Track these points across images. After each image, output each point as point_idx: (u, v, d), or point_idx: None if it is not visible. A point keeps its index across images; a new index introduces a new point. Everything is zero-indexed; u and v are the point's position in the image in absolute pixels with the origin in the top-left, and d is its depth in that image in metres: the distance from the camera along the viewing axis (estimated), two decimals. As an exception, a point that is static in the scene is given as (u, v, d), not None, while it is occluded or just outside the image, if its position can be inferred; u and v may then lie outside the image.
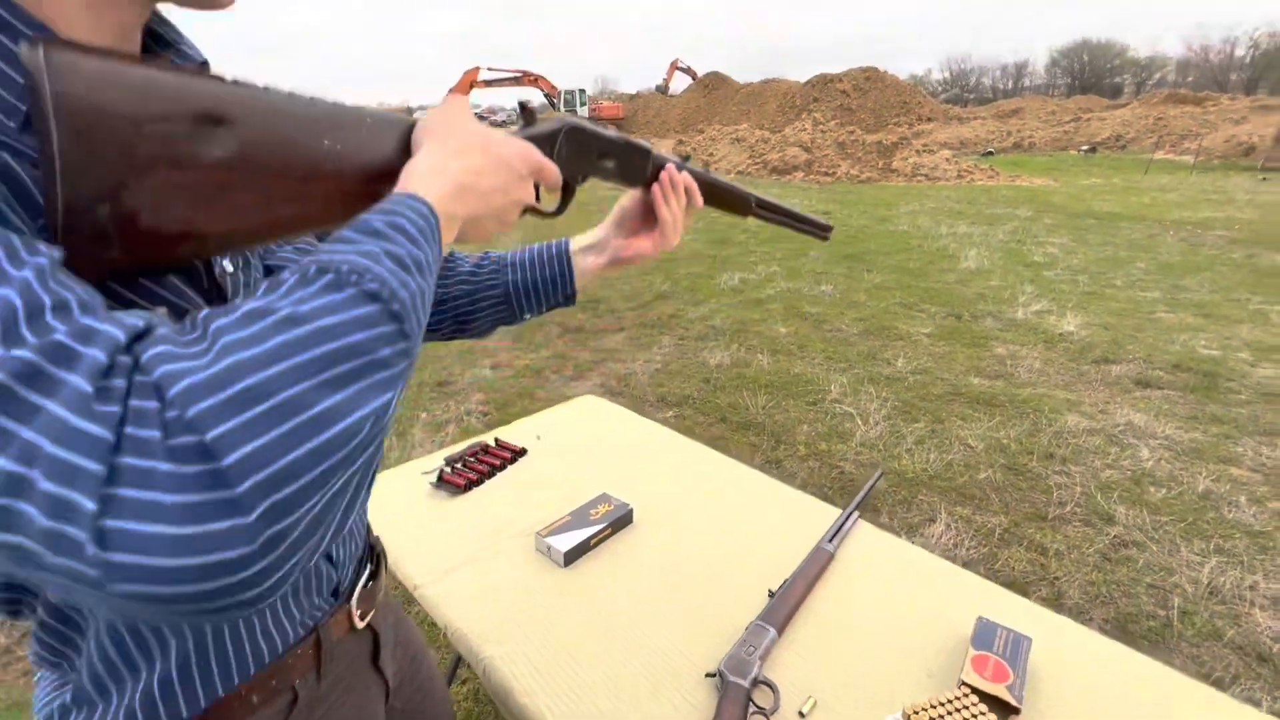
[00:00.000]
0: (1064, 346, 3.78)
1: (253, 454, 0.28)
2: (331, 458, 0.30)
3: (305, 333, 0.31)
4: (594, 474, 1.33)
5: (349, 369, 0.32)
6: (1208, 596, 1.89)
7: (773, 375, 3.47)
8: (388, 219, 0.38)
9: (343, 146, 0.41)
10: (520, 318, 0.76)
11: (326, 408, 0.30)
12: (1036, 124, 24.73)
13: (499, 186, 0.48)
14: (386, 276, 0.34)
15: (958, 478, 2.50)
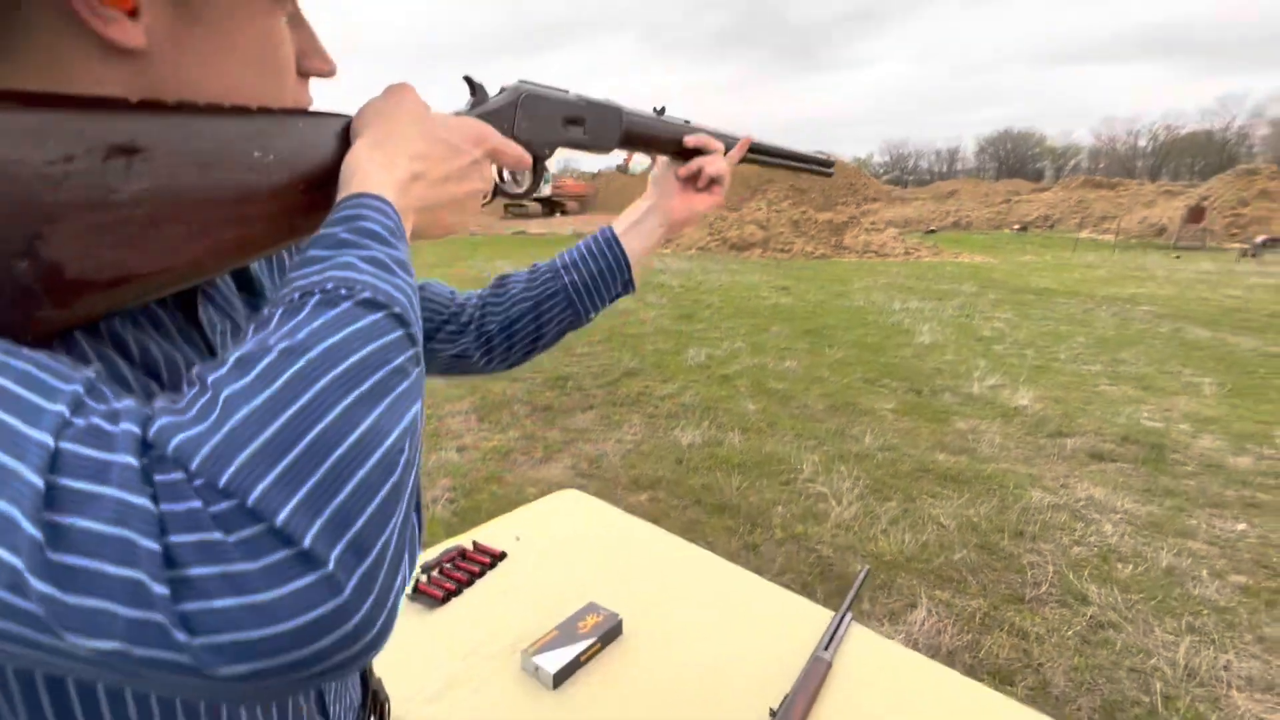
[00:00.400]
0: (1020, 420, 3.92)
1: (304, 503, 0.26)
2: (387, 481, 0.28)
3: (312, 360, 0.28)
4: (579, 579, 1.28)
5: (371, 385, 0.29)
6: (1186, 679, 1.90)
7: (745, 454, 3.48)
8: (351, 226, 0.35)
9: (276, 156, 0.38)
10: (587, 317, 0.73)
11: (362, 433, 0.28)
12: (972, 204, 26.71)
13: (451, 173, 0.44)
14: (375, 282, 0.33)
15: (934, 559, 2.51)
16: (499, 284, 0.75)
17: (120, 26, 0.34)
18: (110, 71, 0.35)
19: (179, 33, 0.36)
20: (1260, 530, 2.69)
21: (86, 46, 0.34)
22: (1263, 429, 3.76)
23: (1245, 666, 1.95)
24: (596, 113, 0.62)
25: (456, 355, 0.72)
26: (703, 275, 10.34)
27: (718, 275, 10.33)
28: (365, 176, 0.39)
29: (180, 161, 0.34)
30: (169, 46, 0.36)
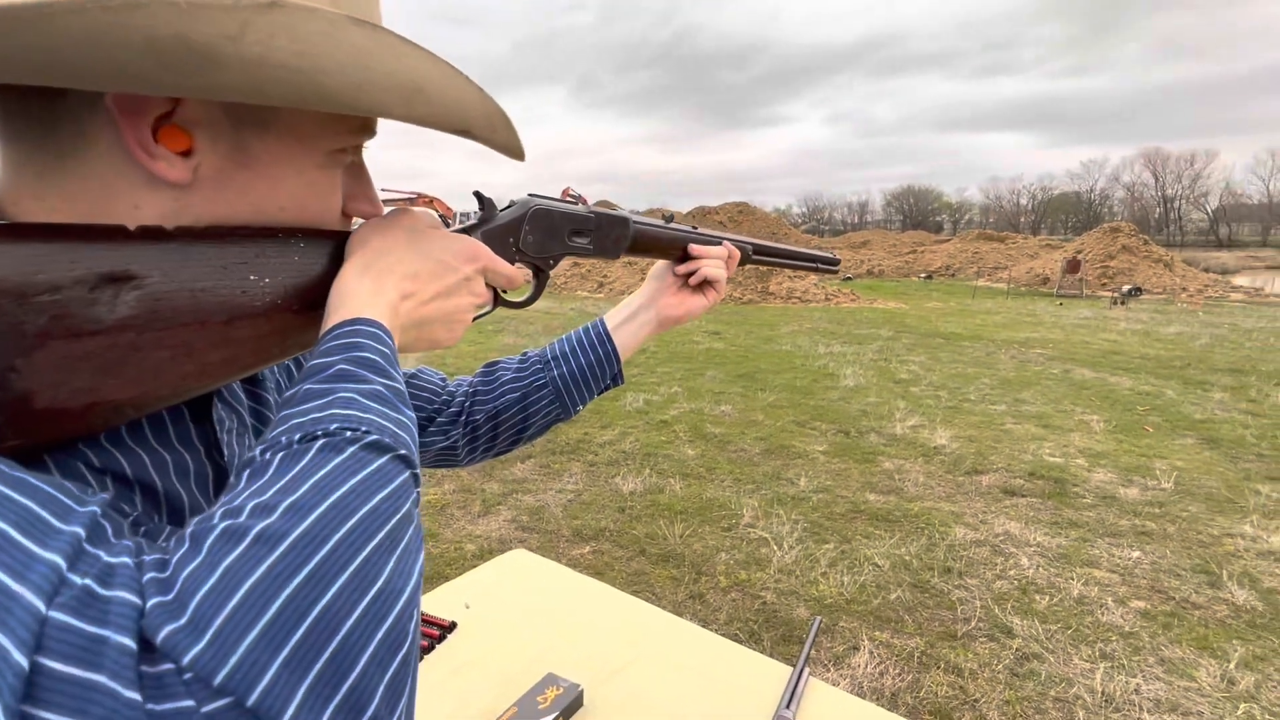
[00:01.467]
0: (940, 459, 4.17)
1: (311, 693, 0.23)
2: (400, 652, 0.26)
3: (319, 518, 0.26)
4: (534, 647, 1.23)
5: (380, 539, 0.27)
6: (1104, 705, 2.03)
7: (686, 501, 3.49)
8: (349, 356, 0.34)
9: (271, 279, 0.38)
10: (573, 411, 0.72)
11: (372, 598, 0.25)
12: (883, 253, 28.70)
13: (442, 291, 0.44)
14: (380, 421, 0.31)
15: (872, 600, 2.58)
16: (488, 371, 0.73)
17: (168, 164, 0.34)
18: (151, 198, 0.35)
19: (226, 174, 0.36)
20: (1152, 557, 2.95)
21: (134, 175, 0.34)
22: (1145, 462, 4.16)
23: (1152, 689, 2.10)
24: (604, 224, 0.63)
25: (446, 448, 0.70)
26: (636, 320, 10.48)
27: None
28: (356, 301, 0.38)
29: (172, 288, 0.34)
30: (213, 184, 0.36)
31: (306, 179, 0.40)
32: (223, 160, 0.36)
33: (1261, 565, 2.89)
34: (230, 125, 0.36)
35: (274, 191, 0.38)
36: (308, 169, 0.39)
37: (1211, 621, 2.47)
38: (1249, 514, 3.40)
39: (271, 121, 0.37)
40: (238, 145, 0.36)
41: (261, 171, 0.37)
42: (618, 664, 1.20)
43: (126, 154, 0.33)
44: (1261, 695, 2.08)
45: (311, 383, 0.33)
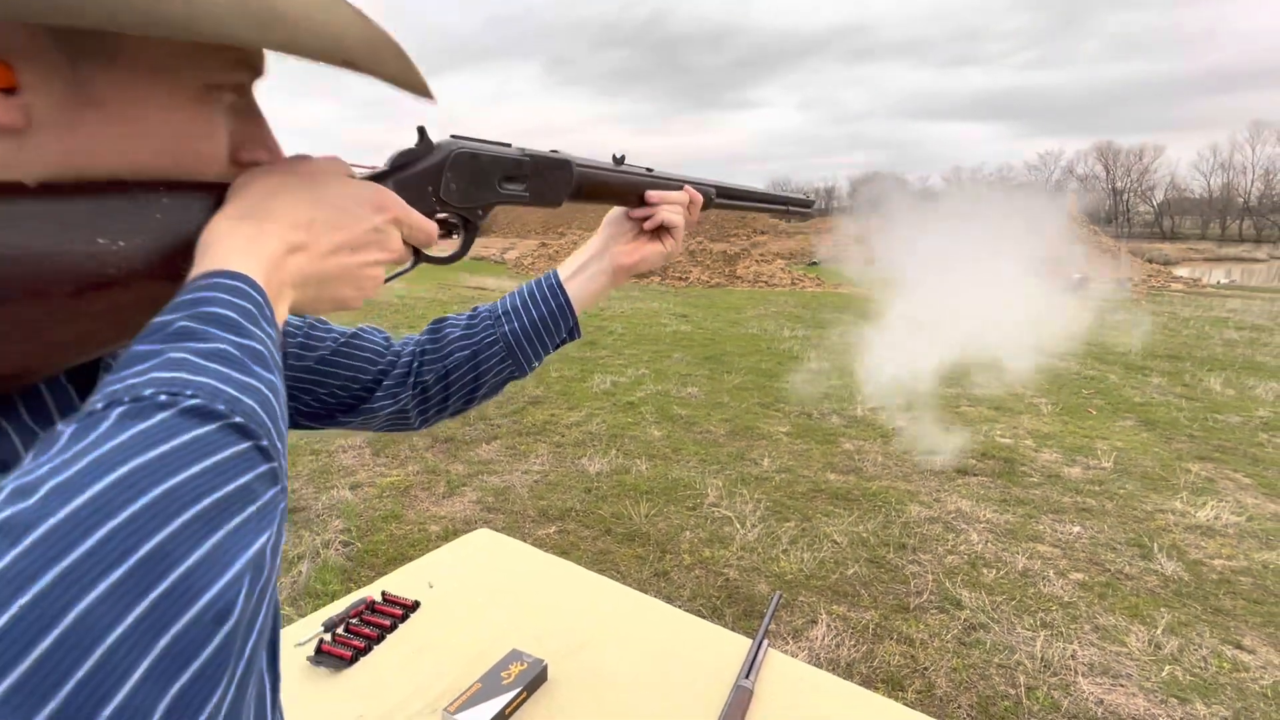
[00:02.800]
0: (897, 440, 4.30)
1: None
2: (191, 662, 0.21)
3: (90, 499, 0.20)
4: (498, 625, 1.24)
5: (181, 526, 0.22)
6: (1043, 670, 2.15)
7: (652, 481, 3.53)
8: (194, 313, 0.29)
9: (127, 242, 0.33)
10: (528, 367, 0.69)
11: (154, 601, 0.20)
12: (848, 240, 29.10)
13: (344, 243, 0.38)
14: (213, 384, 0.26)
15: (830, 575, 2.67)
16: (435, 329, 0.70)
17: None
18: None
19: (71, 115, 0.31)
20: (1091, 532, 3.11)
21: None
22: (1088, 443, 4.37)
23: (1087, 654, 2.24)
24: (541, 168, 0.57)
25: (396, 412, 0.67)
26: (605, 302, 10.45)
27: (619, 302, 10.48)
28: (222, 251, 0.33)
29: (4, 255, 0.29)
30: (56, 129, 0.31)
31: (175, 120, 0.34)
32: (61, 99, 0.31)
33: (1189, 539, 3.08)
34: (64, 57, 0.31)
35: (137, 135, 0.33)
36: (174, 108, 0.34)
37: (1142, 591, 2.64)
38: (1179, 491, 3.61)
39: (116, 52, 0.32)
40: (77, 81, 0.31)
41: (115, 112, 0.32)
42: (582, 639, 1.22)
43: None
44: (1184, 658, 2.23)
45: (142, 343, 0.27)
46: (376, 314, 8.60)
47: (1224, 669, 2.19)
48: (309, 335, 0.63)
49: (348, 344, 0.65)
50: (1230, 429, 4.85)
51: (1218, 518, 3.28)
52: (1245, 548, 3.01)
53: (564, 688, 1.10)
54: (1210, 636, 2.36)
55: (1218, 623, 2.45)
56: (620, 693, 1.08)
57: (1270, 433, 4.81)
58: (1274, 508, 3.48)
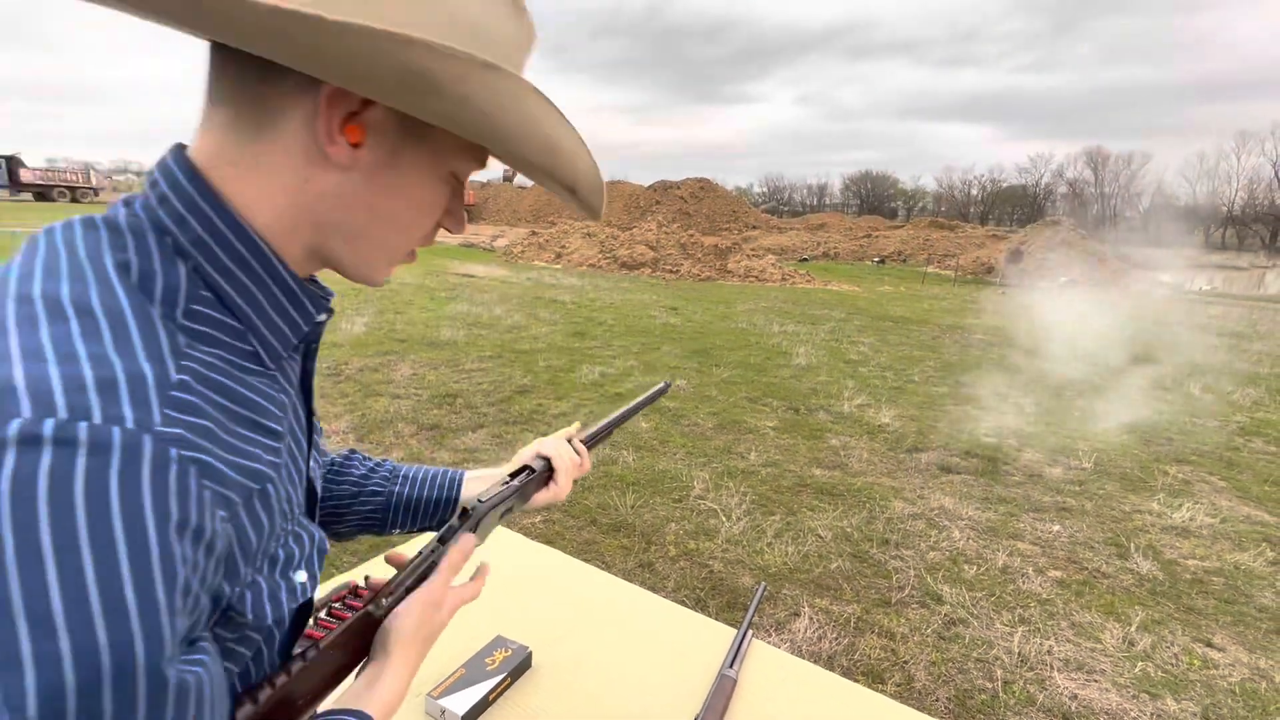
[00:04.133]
0: (883, 437, 4.33)
1: None
2: None
3: None
4: (483, 611, 1.23)
5: None
6: (1020, 665, 2.18)
7: (639, 472, 3.53)
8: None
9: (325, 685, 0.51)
10: (387, 529, 0.77)
11: None
12: (839, 237, 29.23)
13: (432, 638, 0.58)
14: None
15: (814, 569, 2.69)
16: (348, 455, 0.77)
17: (341, 149, 0.41)
18: (317, 175, 0.42)
19: (378, 170, 0.43)
20: (1070, 531, 3.16)
21: (310, 153, 0.41)
22: (1069, 443, 4.44)
23: (1063, 650, 2.27)
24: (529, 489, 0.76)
25: None
26: (595, 293, 10.42)
27: (609, 293, 10.45)
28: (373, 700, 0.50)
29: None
30: (365, 175, 0.43)
31: (428, 189, 0.47)
32: (379, 158, 0.43)
33: (1164, 539, 3.14)
34: (397, 133, 0.42)
35: (401, 193, 0.45)
36: (432, 181, 0.46)
37: (1118, 589, 2.68)
38: (1157, 492, 3.68)
39: (426, 137, 0.43)
40: (395, 150, 0.43)
41: (403, 173, 0.44)
42: (566, 627, 1.21)
43: (311, 134, 0.40)
44: (1156, 654, 2.28)
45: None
46: (363, 296, 8.50)
47: (1194, 666, 2.24)
48: None
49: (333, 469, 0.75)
50: (1207, 433, 4.94)
51: (1193, 519, 3.35)
52: (1218, 549, 3.08)
53: (548, 674, 1.09)
54: (1182, 634, 2.41)
55: (1190, 621, 2.50)
56: (604, 680, 1.08)
57: (1246, 438, 4.91)
58: (1247, 510, 3.55)
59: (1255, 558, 3.00)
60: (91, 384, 0.30)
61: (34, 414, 0.28)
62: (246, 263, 0.40)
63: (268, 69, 0.38)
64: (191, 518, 0.32)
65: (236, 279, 0.40)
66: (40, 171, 33.21)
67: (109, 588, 0.28)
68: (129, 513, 0.29)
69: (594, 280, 12.22)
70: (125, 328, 0.33)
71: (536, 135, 0.42)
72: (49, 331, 0.32)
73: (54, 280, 0.34)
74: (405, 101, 0.38)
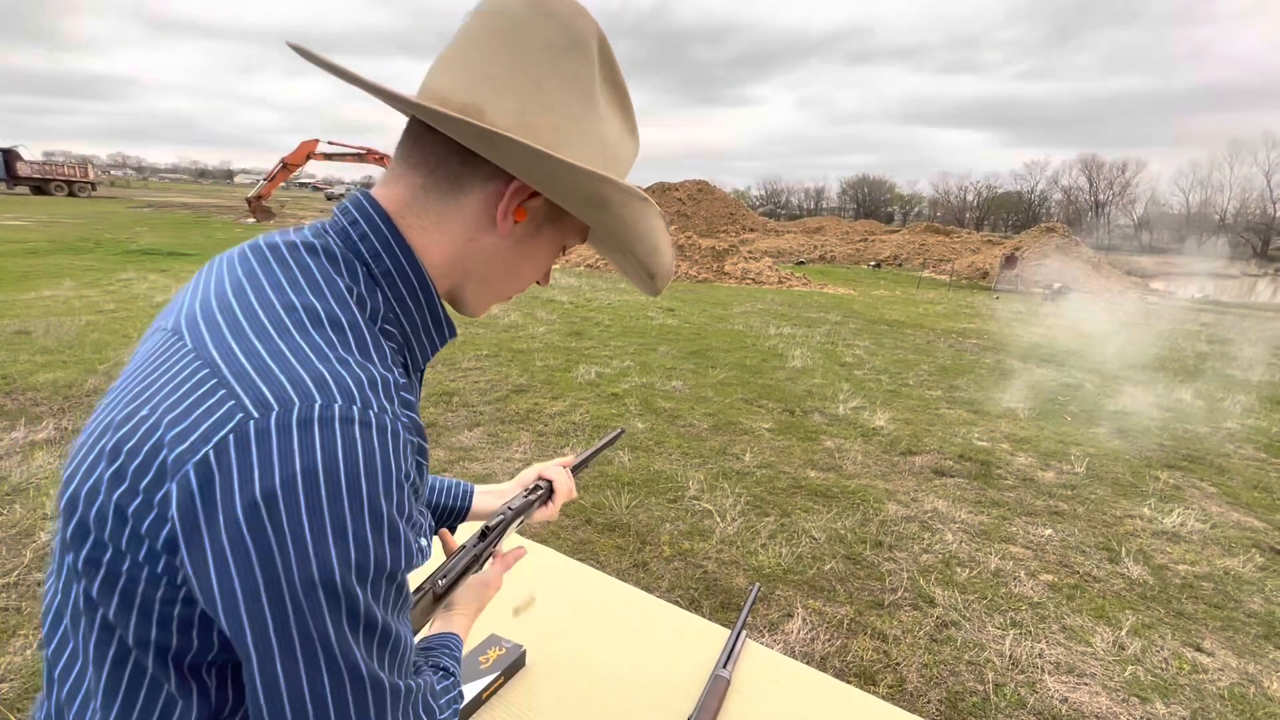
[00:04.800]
0: (878, 440, 4.35)
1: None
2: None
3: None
4: (478, 610, 1.23)
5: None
6: (1011, 668, 2.19)
7: (634, 473, 3.53)
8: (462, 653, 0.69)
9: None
10: None
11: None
12: (836, 241, 29.29)
13: (481, 610, 0.78)
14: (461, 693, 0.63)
15: (807, 570, 2.70)
16: None
17: (508, 225, 0.53)
18: (482, 237, 0.54)
19: (524, 240, 0.56)
20: (1062, 535, 3.18)
21: (482, 221, 0.53)
22: (1062, 448, 4.46)
23: (1054, 653, 2.29)
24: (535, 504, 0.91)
25: None
26: (592, 293, 10.42)
27: (606, 294, 10.45)
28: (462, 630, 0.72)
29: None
30: (514, 242, 0.55)
31: (547, 256, 0.59)
32: (528, 232, 0.55)
33: (1155, 544, 3.16)
34: (547, 217, 0.55)
35: (533, 258, 0.58)
36: (552, 250, 0.59)
37: (1109, 594, 2.70)
38: (1148, 498, 3.70)
39: (562, 220, 0.56)
40: (539, 227, 0.55)
41: (539, 245, 0.57)
42: (560, 626, 1.21)
43: (488, 209, 0.52)
44: (1146, 659, 2.30)
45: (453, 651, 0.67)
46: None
47: (1184, 670, 2.26)
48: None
49: None
50: (1198, 439, 4.98)
51: (1183, 524, 3.37)
52: (1208, 554, 3.10)
53: (542, 673, 1.09)
54: (1172, 639, 2.42)
55: (1180, 626, 2.52)
56: (598, 679, 1.08)
57: (1236, 444, 4.95)
58: (1237, 516, 3.58)
59: (1244, 563, 3.02)
60: (365, 383, 0.43)
61: (342, 401, 0.41)
62: (415, 294, 0.52)
63: (469, 157, 0.50)
64: (411, 474, 0.45)
65: (407, 305, 0.52)
66: (37, 165, 32.99)
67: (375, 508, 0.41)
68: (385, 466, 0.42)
69: (591, 280, 12.21)
70: (365, 341, 0.46)
71: (649, 240, 0.57)
72: (319, 336, 0.44)
73: (307, 295, 0.46)
74: (582, 213, 0.53)
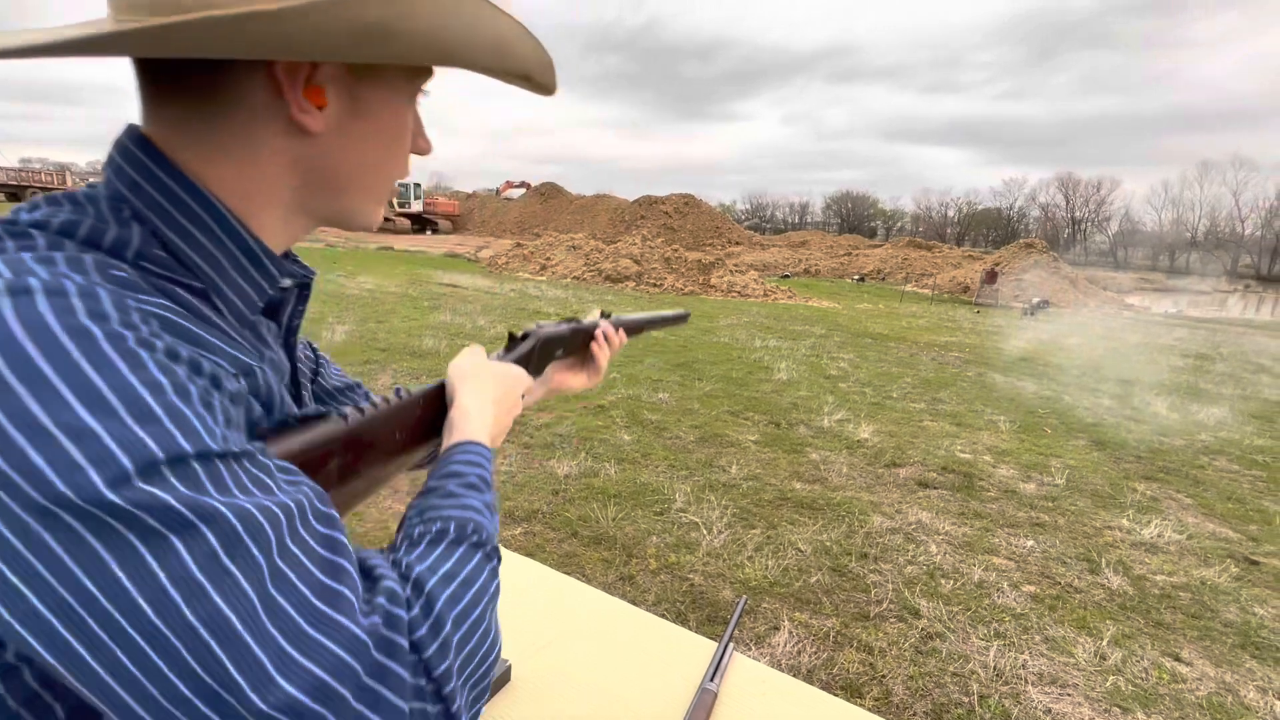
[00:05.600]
0: (863, 452, 4.38)
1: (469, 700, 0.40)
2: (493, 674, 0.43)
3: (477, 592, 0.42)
4: (462, 624, 1.22)
5: (495, 610, 0.43)
6: (995, 679, 2.21)
7: (620, 485, 3.52)
8: (476, 473, 0.50)
9: (406, 434, 0.55)
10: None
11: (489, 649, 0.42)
12: (820, 254, 29.63)
13: (511, 408, 0.64)
14: (494, 531, 0.47)
15: (794, 583, 2.70)
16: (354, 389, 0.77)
17: (312, 117, 0.41)
18: (287, 145, 0.42)
19: (345, 122, 0.43)
20: (1044, 546, 3.22)
21: (276, 125, 0.41)
22: (1043, 460, 4.52)
23: (1037, 664, 2.30)
24: (578, 336, 0.84)
25: None
26: (579, 305, 10.43)
27: (594, 306, 10.46)
28: (476, 424, 0.56)
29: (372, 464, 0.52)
30: (336, 132, 0.43)
31: (399, 120, 0.47)
32: (343, 111, 0.43)
33: (1134, 555, 3.21)
34: (351, 80, 0.42)
35: (378, 134, 0.46)
36: (395, 110, 0.46)
37: (1090, 604, 2.73)
38: (1126, 509, 3.76)
39: (381, 73, 0.44)
40: (355, 96, 0.43)
41: (371, 118, 0.45)
42: (546, 639, 1.20)
43: (275, 111, 0.40)
44: (1127, 669, 2.32)
45: (454, 485, 0.48)
46: (345, 304, 8.40)
47: (1163, 680, 2.28)
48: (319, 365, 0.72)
49: (343, 392, 0.75)
50: (1174, 451, 5.08)
51: (1161, 535, 3.43)
52: (1185, 564, 3.15)
53: (527, 687, 1.08)
54: (1151, 649, 2.45)
55: (1159, 636, 2.55)
56: (584, 693, 1.07)
57: (1211, 456, 5.05)
58: (1212, 527, 3.65)
59: (1220, 573, 3.07)
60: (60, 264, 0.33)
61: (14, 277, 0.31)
62: (206, 225, 0.40)
63: (211, 64, 0.38)
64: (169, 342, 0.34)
65: (195, 240, 0.40)
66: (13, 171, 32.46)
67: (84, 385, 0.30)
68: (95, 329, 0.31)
69: (578, 293, 12.22)
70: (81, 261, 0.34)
71: (483, 40, 0.41)
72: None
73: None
74: (366, 53, 0.37)
